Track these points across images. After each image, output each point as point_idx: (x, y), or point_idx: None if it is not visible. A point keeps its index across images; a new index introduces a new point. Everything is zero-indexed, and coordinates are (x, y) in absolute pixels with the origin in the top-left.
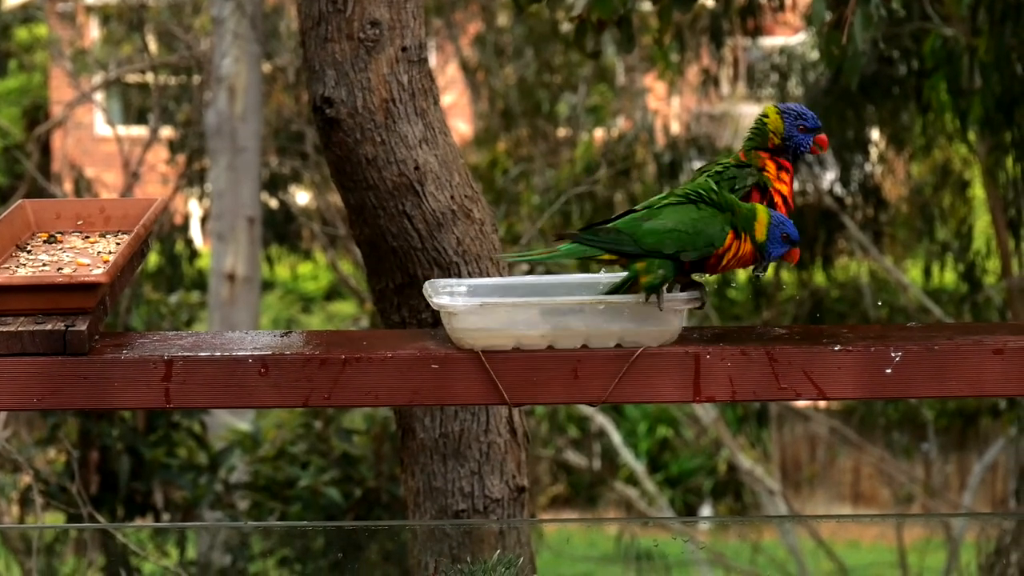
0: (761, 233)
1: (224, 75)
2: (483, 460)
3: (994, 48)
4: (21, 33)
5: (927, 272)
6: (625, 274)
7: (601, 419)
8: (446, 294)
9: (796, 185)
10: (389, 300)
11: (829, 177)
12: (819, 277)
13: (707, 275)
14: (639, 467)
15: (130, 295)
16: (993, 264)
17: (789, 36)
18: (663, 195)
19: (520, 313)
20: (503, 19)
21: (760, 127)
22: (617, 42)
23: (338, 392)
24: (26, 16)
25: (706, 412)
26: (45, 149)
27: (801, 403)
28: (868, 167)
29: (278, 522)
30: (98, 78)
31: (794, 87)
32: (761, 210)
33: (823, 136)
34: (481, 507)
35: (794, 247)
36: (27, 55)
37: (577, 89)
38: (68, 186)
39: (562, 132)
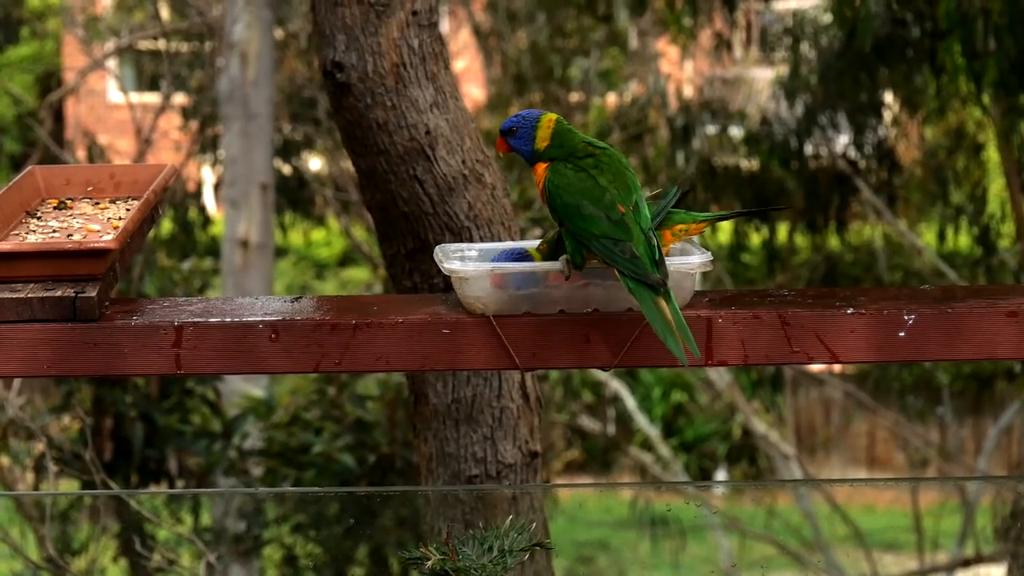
0: None
1: (236, 41)
2: (496, 425)
3: (1008, 10)
4: (33, 0)
5: (941, 235)
6: None
7: (615, 384)
8: (457, 259)
9: (809, 148)
10: (401, 265)
11: (843, 141)
12: (833, 241)
13: None
14: (653, 432)
15: (143, 262)
16: (1008, 227)
17: None
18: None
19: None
20: None
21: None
22: (629, 6)
23: (349, 358)
24: None
25: (720, 377)
26: (58, 116)
27: (815, 367)
28: (882, 130)
29: (292, 488)
30: (110, 45)
31: (807, 50)
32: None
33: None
34: (494, 472)
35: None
36: (39, 22)
37: (589, 53)
38: (81, 153)
39: (575, 97)
